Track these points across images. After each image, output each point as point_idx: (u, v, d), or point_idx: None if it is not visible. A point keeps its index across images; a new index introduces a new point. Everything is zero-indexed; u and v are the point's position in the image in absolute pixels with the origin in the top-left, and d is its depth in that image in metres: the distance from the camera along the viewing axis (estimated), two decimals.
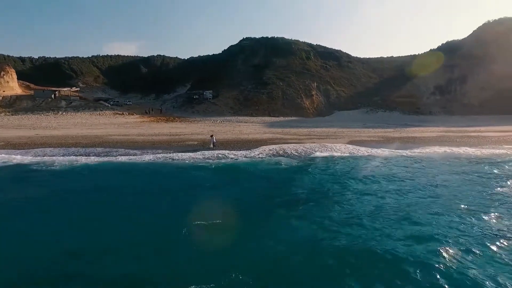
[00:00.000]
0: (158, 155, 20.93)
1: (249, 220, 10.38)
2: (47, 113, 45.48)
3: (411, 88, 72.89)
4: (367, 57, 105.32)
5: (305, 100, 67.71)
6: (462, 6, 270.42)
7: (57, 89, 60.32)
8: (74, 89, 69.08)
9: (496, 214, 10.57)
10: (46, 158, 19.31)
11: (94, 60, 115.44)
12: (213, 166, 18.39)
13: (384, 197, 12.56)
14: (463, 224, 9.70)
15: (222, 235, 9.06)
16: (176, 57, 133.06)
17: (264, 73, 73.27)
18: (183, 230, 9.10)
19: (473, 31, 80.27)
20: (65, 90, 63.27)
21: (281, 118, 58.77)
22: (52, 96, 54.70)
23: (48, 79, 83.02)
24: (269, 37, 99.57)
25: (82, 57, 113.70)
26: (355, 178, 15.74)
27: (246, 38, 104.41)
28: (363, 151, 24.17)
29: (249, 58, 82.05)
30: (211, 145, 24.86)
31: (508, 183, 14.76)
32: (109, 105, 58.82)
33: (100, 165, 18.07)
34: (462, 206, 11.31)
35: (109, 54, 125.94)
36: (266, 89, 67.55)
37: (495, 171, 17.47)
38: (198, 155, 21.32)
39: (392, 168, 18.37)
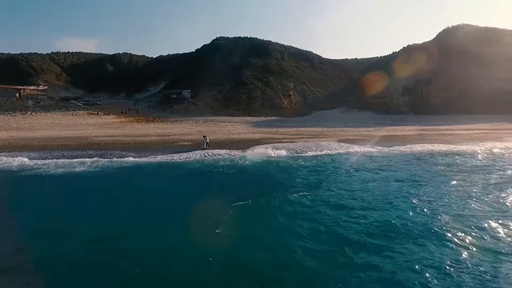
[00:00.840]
0: (163, 157, 20.15)
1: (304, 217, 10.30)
2: (14, 113, 41.32)
3: (381, 89, 76.92)
4: (335, 58, 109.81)
5: (284, 100, 68.71)
6: (424, 11, 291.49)
7: (22, 87, 55.14)
8: (41, 87, 63.64)
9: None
10: (47, 161, 17.69)
11: (55, 57, 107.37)
12: (227, 166, 18.05)
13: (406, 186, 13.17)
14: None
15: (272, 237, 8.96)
16: (143, 55, 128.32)
17: (242, 73, 73.21)
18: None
19: (437, 35, 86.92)
20: (31, 89, 58.04)
21: (262, 118, 59.04)
22: (17, 95, 49.79)
23: (3, 76, 75.62)
24: (243, 36, 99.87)
25: (41, 54, 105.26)
26: (368, 172, 16.36)
27: (220, 37, 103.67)
28: (356, 148, 25.07)
29: (226, 58, 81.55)
30: (204, 146, 24.24)
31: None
32: (81, 105, 55.03)
33: (107, 168, 16.94)
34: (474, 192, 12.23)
35: (65, 50, 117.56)
36: (245, 89, 67.50)
37: (488, 163, 19.10)
38: (197, 155, 20.86)
39: (398, 163, 19.30)
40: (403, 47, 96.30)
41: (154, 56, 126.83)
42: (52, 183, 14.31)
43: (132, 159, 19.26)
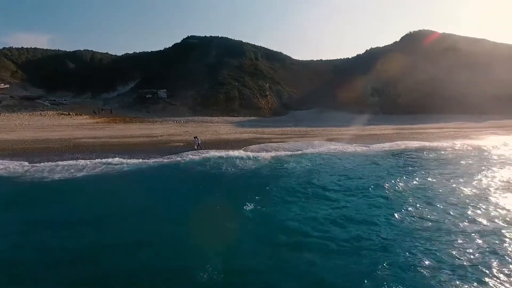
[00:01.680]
0: (162, 159, 19.53)
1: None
2: None
3: (352, 90, 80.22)
4: (304, 59, 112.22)
5: (261, 100, 69.24)
6: (387, 16, 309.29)
7: None
8: (2, 85, 57.71)
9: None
10: (42, 166, 16.31)
11: (7, 53, 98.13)
12: (232, 165, 17.93)
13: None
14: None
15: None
16: (107, 52, 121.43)
17: (219, 73, 72.50)
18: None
19: (400, 38, 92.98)
20: None
21: (241, 118, 59.00)
22: None
23: None
24: (215, 36, 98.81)
25: None
26: (377, 166, 17.30)
27: (192, 36, 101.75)
28: (347, 147, 26.07)
29: (201, 57, 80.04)
30: (195, 147, 23.64)
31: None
32: (49, 105, 50.90)
33: (111, 172, 16.05)
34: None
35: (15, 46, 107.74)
36: (223, 89, 66.93)
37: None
38: (197, 156, 20.47)
39: (394, 159, 20.60)
40: (366, 50, 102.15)
41: (119, 54, 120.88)
42: (68, 190, 13.27)
43: (131, 161, 18.31)
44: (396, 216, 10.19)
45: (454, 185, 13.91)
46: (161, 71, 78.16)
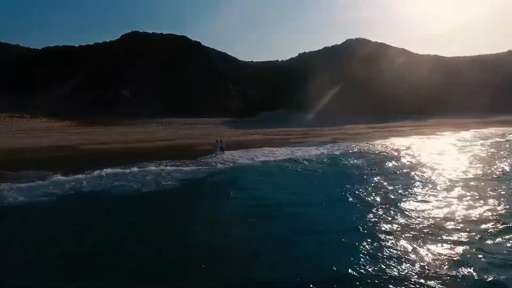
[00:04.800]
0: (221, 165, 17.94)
1: None
2: None
3: (304, 91, 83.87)
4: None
5: (228, 101, 67.97)
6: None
7: None
8: None
9: None
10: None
11: None
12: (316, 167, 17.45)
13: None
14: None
15: None
16: (17, 44, 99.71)
17: (182, 72, 68.39)
18: None
19: (342, 43, 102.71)
20: None
21: (216, 119, 57.02)
22: None
23: None
24: (173, 34, 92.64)
25: None
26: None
27: (145, 33, 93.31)
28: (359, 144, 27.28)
29: (159, 54, 73.65)
30: (218, 151, 21.97)
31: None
32: None
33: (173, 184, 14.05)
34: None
35: None
36: (189, 90, 63.49)
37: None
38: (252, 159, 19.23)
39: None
40: (298, 53, 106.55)
41: (39, 48, 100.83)
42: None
43: (183, 168, 15.92)
44: None
45: None
46: (109, 68, 69.45)
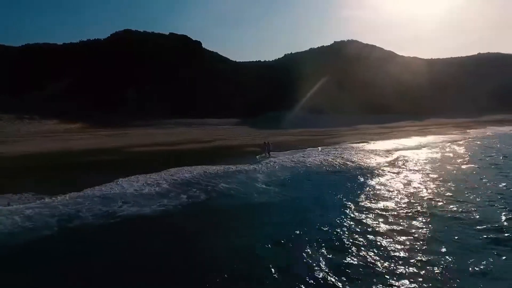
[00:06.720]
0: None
1: None
2: None
3: (299, 91, 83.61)
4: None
5: (234, 102, 67.39)
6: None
7: None
8: None
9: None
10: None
11: None
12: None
13: None
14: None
15: None
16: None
17: (184, 73, 66.95)
18: None
19: (334, 42, 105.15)
20: None
21: (223, 120, 56.44)
22: None
23: None
24: (174, 33, 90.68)
25: None
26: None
27: (145, 32, 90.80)
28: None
29: (161, 55, 71.25)
30: (265, 153, 22.09)
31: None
32: None
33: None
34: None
35: None
36: (201, 91, 62.33)
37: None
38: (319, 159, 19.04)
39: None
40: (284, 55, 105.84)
41: (21, 45, 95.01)
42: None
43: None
44: None
45: None
46: (107, 67, 66.88)
